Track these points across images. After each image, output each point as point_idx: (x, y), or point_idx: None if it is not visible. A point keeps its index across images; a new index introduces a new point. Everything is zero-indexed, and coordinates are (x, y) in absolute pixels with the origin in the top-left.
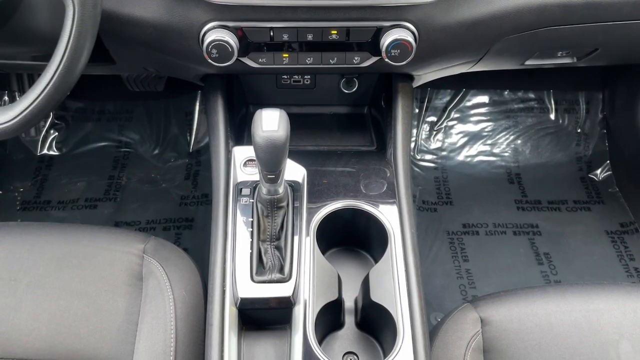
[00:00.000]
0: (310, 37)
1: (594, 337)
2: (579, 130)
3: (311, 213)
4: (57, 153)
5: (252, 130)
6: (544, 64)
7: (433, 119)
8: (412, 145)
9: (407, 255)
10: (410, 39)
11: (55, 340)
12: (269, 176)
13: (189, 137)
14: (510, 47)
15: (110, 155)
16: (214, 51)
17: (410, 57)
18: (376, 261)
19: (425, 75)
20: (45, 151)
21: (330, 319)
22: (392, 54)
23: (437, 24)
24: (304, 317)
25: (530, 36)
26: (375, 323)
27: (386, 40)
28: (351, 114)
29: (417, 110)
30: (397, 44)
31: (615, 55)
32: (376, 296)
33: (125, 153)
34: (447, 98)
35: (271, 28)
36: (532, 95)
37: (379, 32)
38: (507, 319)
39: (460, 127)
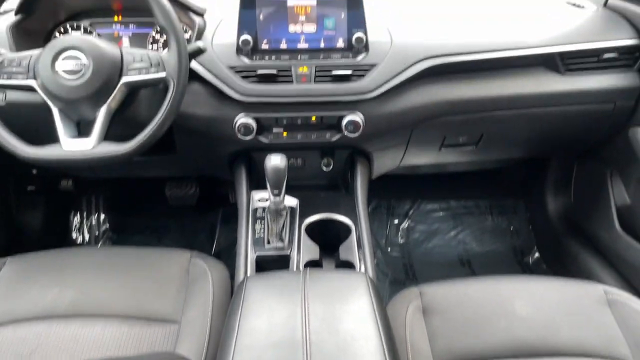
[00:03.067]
0: (299, 121)
1: (498, 299)
2: (511, 228)
3: (301, 221)
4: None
5: (265, 163)
6: (454, 150)
7: (397, 221)
8: (383, 241)
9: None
10: (359, 119)
11: (130, 303)
12: (275, 191)
13: (212, 244)
14: (426, 133)
15: None
16: (242, 129)
17: (360, 131)
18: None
19: (378, 161)
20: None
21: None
22: (349, 129)
23: (376, 112)
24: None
25: (435, 124)
26: None
27: (344, 120)
28: (329, 185)
29: (384, 215)
30: (351, 122)
31: (499, 143)
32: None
33: None
34: (407, 206)
35: (276, 117)
36: (471, 203)
37: (341, 118)
38: (439, 290)
39: (419, 227)
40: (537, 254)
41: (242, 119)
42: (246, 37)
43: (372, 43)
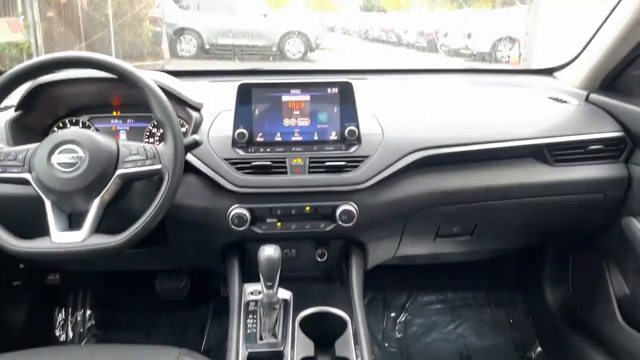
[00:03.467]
0: (293, 211)
1: None
2: (510, 321)
3: (295, 315)
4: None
5: (259, 255)
6: (449, 240)
7: (394, 314)
8: (380, 335)
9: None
10: (353, 209)
11: None
12: (268, 284)
13: (202, 340)
14: (420, 223)
15: None
16: (236, 220)
17: (355, 221)
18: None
19: (373, 252)
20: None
21: None
22: (343, 218)
23: (370, 202)
24: None
25: (429, 214)
26: None
27: (338, 210)
28: (323, 276)
29: (381, 308)
30: (345, 211)
31: (493, 233)
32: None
33: None
34: (404, 299)
35: (270, 207)
36: (469, 295)
37: (335, 208)
38: None
39: (417, 321)
40: (539, 349)
41: (236, 209)
42: (242, 130)
43: (365, 135)
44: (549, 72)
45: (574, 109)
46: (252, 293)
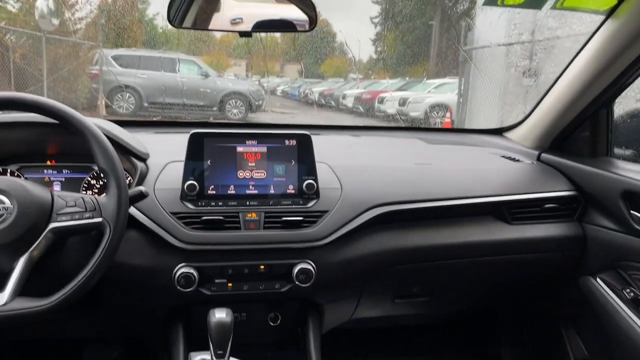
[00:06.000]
0: (246, 271)
1: None
2: None
3: None
4: None
5: (209, 319)
6: (408, 301)
7: None
8: None
9: None
10: (311, 268)
11: None
12: (219, 352)
13: None
14: (379, 282)
15: None
16: (182, 280)
17: (312, 280)
18: None
19: (329, 314)
20: None
21: None
22: (300, 278)
23: (328, 260)
24: None
25: (389, 273)
26: None
27: (295, 269)
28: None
29: None
30: (303, 270)
31: (452, 293)
32: None
33: None
34: None
35: (221, 266)
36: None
37: (292, 267)
38: None
39: None
40: None
41: (182, 268)
42: (192, 182)
43: (323, 190)
44: (498, 132)
45: (527, 167)
46: None
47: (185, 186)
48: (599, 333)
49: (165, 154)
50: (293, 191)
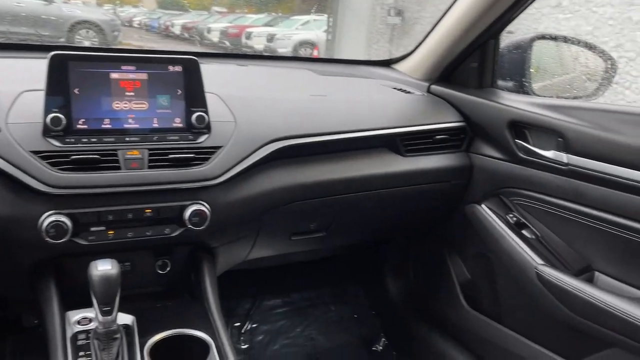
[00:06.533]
0: (130, 216)
1: None
2: (355, 316)
3: (142, 343)
4: None
5: (90, 273)
6: (305, 238)
7: (238, 324)
8: None
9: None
10: (205, 209)
11: None
12: (104, 309)
13: None
14: (276, 221)
15: None
16: (52, 231)
17: (207, 223)
18: None
19: (223, 257)
20: None
21: None
22: (193, 221)
23: (223, 201)
24: None
25: (286, 210)
26: None
27: (187, 212)
28: (168, 291)
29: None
30: (196, 212)
31: (349, 228)
32: None
33: None
34: (247, 306)
35: (99, 212)
36: (314, 294)
37: (183, 209)
38: None
39: (262, 328)
40: (384, 341)
41: (51, 217)
42: (57, 115)
43: (215, 123)
44: (386, 63)
45: (419, 99)
46: (79, 322)
47: (48, 119)
48: (482, 256)
49: (17, 83)
50: (181, 125)
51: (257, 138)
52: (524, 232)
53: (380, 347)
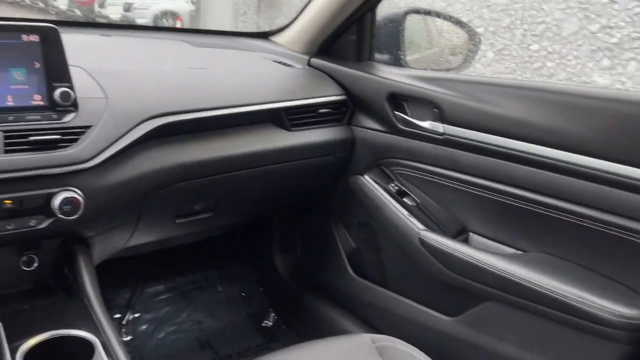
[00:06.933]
0: None
1: None
2: (243, 295)
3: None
4: None
5: None
6: (190, 220)
7: (119, 315)
8: None
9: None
10: (78, 196)
11: None
12: None
13: None
14: (159, 204)
15: None
16: None
17: (81, 211)
18: None
19: (100, 246)
20: None
21: None
22: (65, 210)
23: (97, 186)
24: None
25: (169, 192)
26: None
27: (56, 200)
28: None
29: None
30: (67, 200)
31: (236, 206)
32: None
33: None
34: (127, 295)
35: None
36: (199, 276)
37: (51, 197)
38: None
39: (146, 317)
40: (274, 316)
41: None
42: None
43: (82, 100)
44: (264, 35)
45: (300, 72)
46: None
47: None
48: (366, 225)
49: None
50: (41, 102)
51: (132, 116)
52: (405, 200)
53: (270, 323)
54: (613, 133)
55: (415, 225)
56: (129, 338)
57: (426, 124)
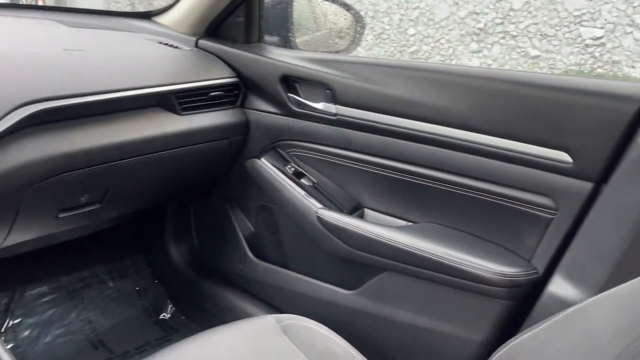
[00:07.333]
0: None
1: None
2: (137, 288)
3: None
4: None
5: None
6: (75, 214)
7: None
8: None
9: None
10: None
11: None
12: None
13: None
14: (39, 199)
15: None
16: None
17: None
18: None
19: None
20: None
21: None
22: None
23: None
24: None
25: (51, 185)
26: None
27: None
28: None
29: None
30: None
31: (127, 196)
32: None
33: None
34: (5, 300)
35: None
36: (87, 273)
37: None
38: None
39: (28, 322)
40: (172, 307)
41: None
42: None
43: None
44: (146, 15)
45: (188, 54)
46: None
47: None
48: (264, 208)
49: None
50: None
51: (3, 102)
52: (302, 180)
53: (168, 315)
54: (486, 108)
55: (313, 204)
56: (10, 345)
57: (319, 105)
